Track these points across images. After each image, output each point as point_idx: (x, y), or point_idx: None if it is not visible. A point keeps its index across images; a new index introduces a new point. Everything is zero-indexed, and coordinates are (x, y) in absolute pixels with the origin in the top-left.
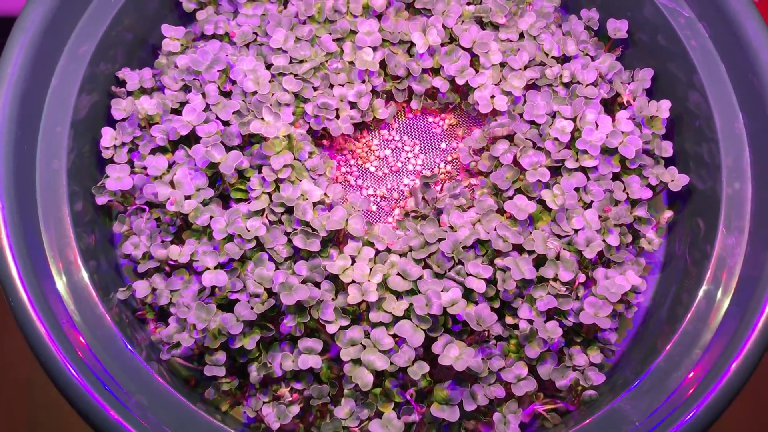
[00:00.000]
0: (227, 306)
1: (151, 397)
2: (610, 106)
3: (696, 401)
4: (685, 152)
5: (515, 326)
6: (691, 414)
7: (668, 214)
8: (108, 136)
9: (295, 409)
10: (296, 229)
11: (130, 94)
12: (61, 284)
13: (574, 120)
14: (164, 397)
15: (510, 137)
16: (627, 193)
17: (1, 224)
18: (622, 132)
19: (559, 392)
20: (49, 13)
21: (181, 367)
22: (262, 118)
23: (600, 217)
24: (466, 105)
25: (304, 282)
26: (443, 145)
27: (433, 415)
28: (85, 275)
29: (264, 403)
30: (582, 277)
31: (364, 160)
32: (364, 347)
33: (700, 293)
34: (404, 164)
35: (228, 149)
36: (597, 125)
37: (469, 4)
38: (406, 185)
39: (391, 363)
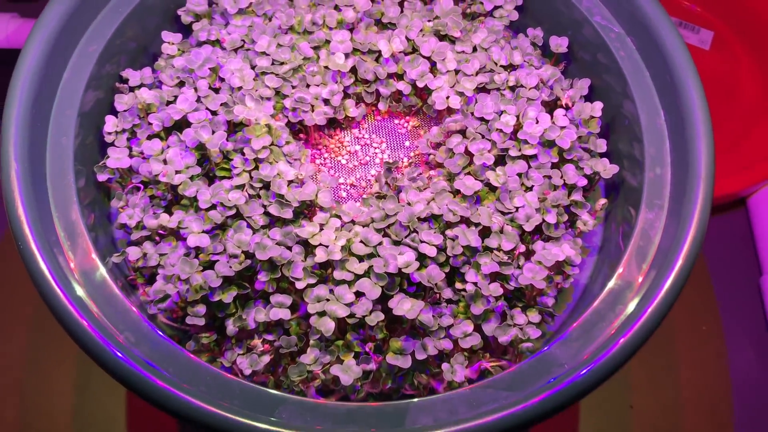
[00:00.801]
0: (209, 268)
1: (139, 335)
2: (552, 108)
3: (613, 342)
4: (618, 150)
5: (463, 291)
6: (607, 353)
7: (602, 201)
8: (111, 123)
9: (266, 359)
10: (272, 202)
11: (131, 90)
12: (62, 235)
13: (517, 117)
14: (149, 336)
15: (463, 132)
16: (564, 180)
17: (15, 180)
18: (560, 127)
19: (505, 355)
20: (65, 14)
21: (166, 326)
22: (246, 105)
23: (539, 198)
24: (426, 108)
25: (278, 245)
26: (407, 143)
27: (388, 363)
28: (84, 230)
29: (239, 354)
30: (522, 248)
31: (336, 153)
32: (329, 301)
33: (625, 257)
34: (372, 158)
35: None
36: (537, 121)
37: (429, 20)
38: (372, 176)
39: (351, 314)
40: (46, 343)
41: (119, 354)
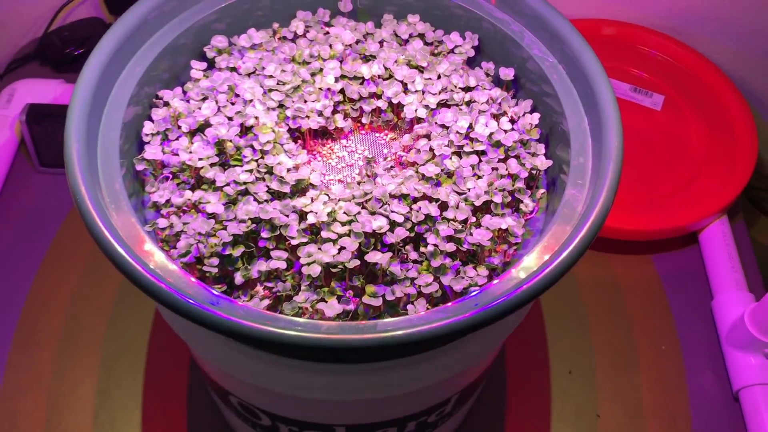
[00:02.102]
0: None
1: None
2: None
3: (524, 282)
4: (555, 152)
5: (426, 253)
6: (515, 291)
7: (542, 191)
8: (148, 127)
9: (266, 302)
10: (273, 182)
11: (165, 104)
12: (108, 200)
13: (471, 124)
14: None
15: (428, 136)
16: (509, 171)
17: (75, 156)
18: (504, 130)
19: None
20: (119, 41)
21: None
22: (256, 108)
23: (488, 183)
24: (401, 123)
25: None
26: (385, 151)
27: (364, 303)
28: (125, 201)
29: (244, 301)
30: (473, 219)
31: (327, 157)
32: (318, 251)
33: (557, 219)
34: (356, 162)
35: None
36: (486, 125)
37: (402, 55)
38: (357, 174)
39: (335, 264)
40: (72, 353)
41: (165, 284)
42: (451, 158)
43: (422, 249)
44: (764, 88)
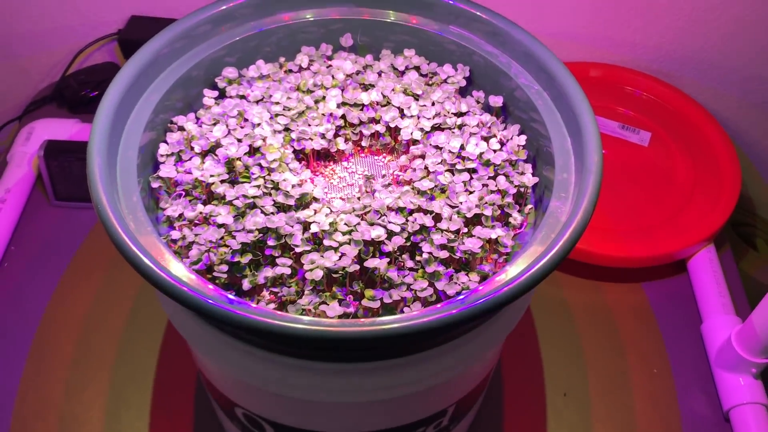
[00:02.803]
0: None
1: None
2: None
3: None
4: (543, 175)
5: (421, 262)
6: (500, 290)
7: (529, 206)
8: (163, 148)
9: (272, 306)
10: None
11: (180, 129)
12: (126, 211)
13: (462, 145)
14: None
15: (423, 156)
16: (498, 188)
17: (97, 170)
18: (493, 150)
19: None
20: (136, 72)
21: None
22: (264, 129)
23: (479, 198)
24: (398, 146)
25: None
26: (383, 172)
27: (363, 305)
28: (142, 212)
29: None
30: (465, 230)
31: (329, 178)
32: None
33: (542, 228)
34: (356, 182)
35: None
36: (477, 146)
37: (399, 84)
38: (357, 191)
39: (336, 270)
40: (83, 376)
41: (187, 287)
42: (444, 174)
43: (418, 258)
44: (745, 126)
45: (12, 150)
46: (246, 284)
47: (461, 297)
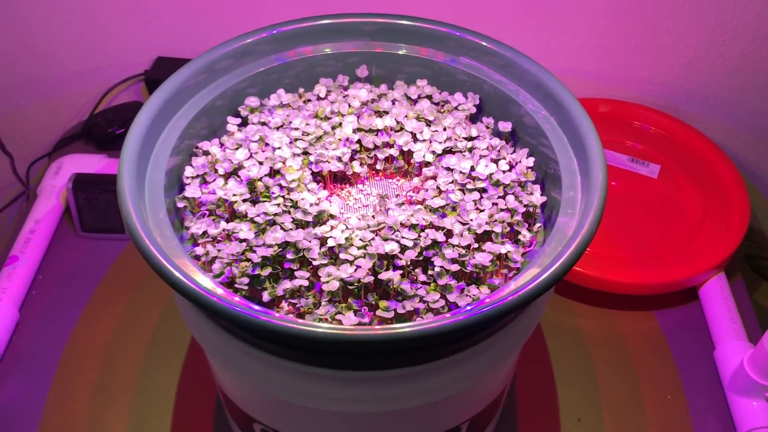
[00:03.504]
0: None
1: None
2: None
3: (512, 293)
4: (551, 196)
5: (433, 276)
6: (505, 299)
7: (538, 225)
8: (189, 170)
9: (291, 317)
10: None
11: (205, 153)
12: (153, 227)
13: (472, 166)
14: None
15: (435, 177)
16: (507, 206)
17: (126, 188)
18: (503, 171)
19: None
20: (163, 100)
21: None
22: (284, 151)
23: (489, 216)
24: (411, 169)
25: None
26: (397, 194)
27: (377, 316)
28: (169, 229)
29: None
30: (475, 245)
31: (345, 199)
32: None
33: (550, 242)
34: (371, 203)
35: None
36: (487, 166)
37: (412, 111)
38: (372, 211)
39: (351, 282)
40: (105, 400)
41: (215, 296)
42: (455, 193)
43: (430, 272)
44: (754, 159)
45: (42, 183)
46: (266, 296)
47: (470, 307)
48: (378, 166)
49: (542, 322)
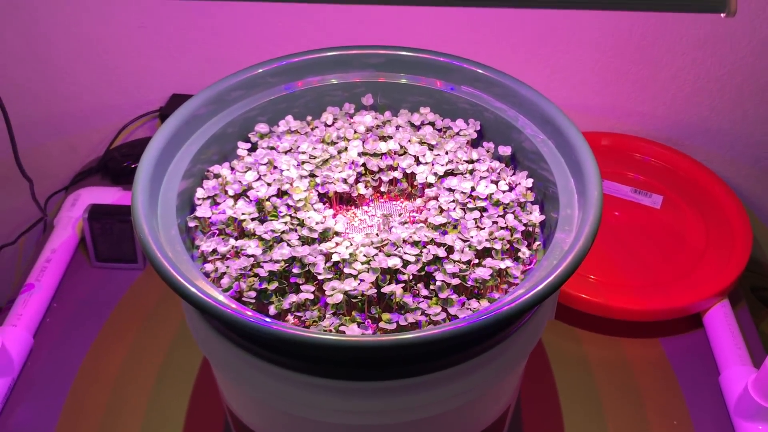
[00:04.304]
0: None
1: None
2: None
3: (506, 304)
4: (550, 216)
5: (435, 291)
6: (498, 309)
7: (537, 243)
8: (200, 192)
9: None
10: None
11: (215, 176)
12: (165, 243)
13: (473, 187)
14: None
15: (437, 198)
16: (507, 225)
17: (140, 206)
18: (502, 191)
19: None
20: (176, 127)
21: None
22: (291, 172)
23: (489, 233)
24: (414, 191)
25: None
26: (400, 214)
27: (380, 327)
28: (180, 245)
29: None
30: (476, 260)
31: (351, 220)
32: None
33: (547, 257)
34: (375, 224)
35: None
36: (487, 187)
37: (415, 136)
38: (376, 231)
39: (354, 296)
40: (115, 425)
41: (224, 305)
42: (456, 210)
43: (431, 287)
44: (754, 189)
45: (59, 215)
46: (272, 309)
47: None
48: (382, 188)
49: (547, 349)
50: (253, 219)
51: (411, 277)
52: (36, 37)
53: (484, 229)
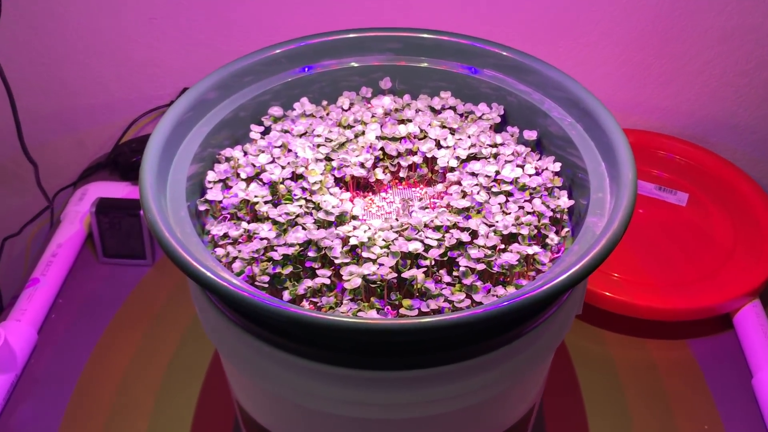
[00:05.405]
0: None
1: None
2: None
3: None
4: (580, 203)
5: (459, 278)
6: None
7: (566, 230)
8: (211, 175)
9: None
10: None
11: (227, 160)
12: (174, 225)
13: (498, 171)
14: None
15: (459, 183)
16: (534, 210)
17: (148, 185)
18: (529, 175)
19: None
20: (189, 105)
21: None
22: (306, 153)
23: (515, 218)
24: (435, 176)
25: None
26: (420, 198)
27: (400, 314)
28: (190, 226)
29: None
30: (501, 246)
31: (368, 206)
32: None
33: (577, 242)
34: (394, 210)
35: None
36: (513, 170)
37: (436, 119)
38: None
39: (373, 281)
40: (121, 425)
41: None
42: (480, 194)
43: (455, 273)
44: None
45: (66, 209)
46: (286, 295)
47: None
48: (401, 174)
49: (570, 351)
50: (266, 202)
51: (433, 263)
52: (46, 31)
53: (509, 214)
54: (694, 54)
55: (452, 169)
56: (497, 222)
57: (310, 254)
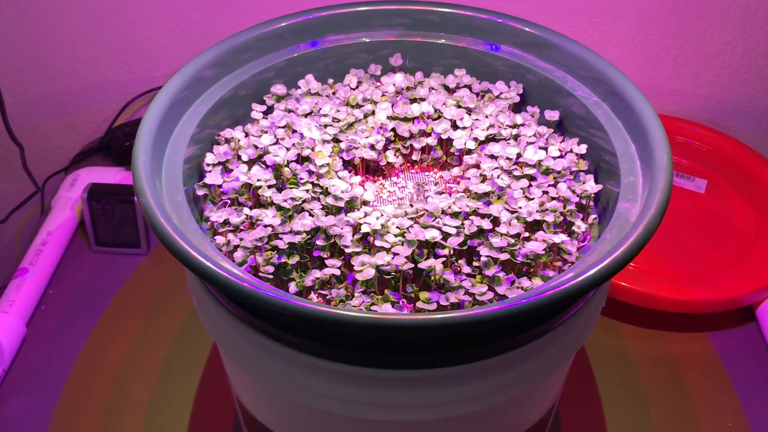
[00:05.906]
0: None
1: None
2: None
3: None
4: (606, 188)
5: (480, 269)
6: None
7: (593, 216)
8: (209, 157)
9: None
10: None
11: (227, 141)
12: (169, 209)
13: (519, 153)
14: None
15: (477, 166)
16: (559, 195)
17: (142, 169)
18: (553, 157)
19: None
20: (183, 84)
21: None
22: (312, 134)
23: (540, 204)
24: (450, 159)
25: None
26: (436, 183)
27: (417, 308)
28: (187, 209)
29: None
30: (525, 234)
31: (379, 191)
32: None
33: (610, 229)
34: (406, 196)
35: None
36: (536, 153)
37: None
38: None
39: (387, 272)
40: (117, 421)
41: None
42: (501, 177)
43: (476, 263)
44: None
45: (57, 195)
46: (293, 287)
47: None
48: (414, 157)
49: (585, 344)
50: (270, 186)
51: (452, 252)
52: (33, 10)
53: (533, 199)
54: (714, 33)
55: (469, 152)
56: (520, 208)
57: (318, 243)
